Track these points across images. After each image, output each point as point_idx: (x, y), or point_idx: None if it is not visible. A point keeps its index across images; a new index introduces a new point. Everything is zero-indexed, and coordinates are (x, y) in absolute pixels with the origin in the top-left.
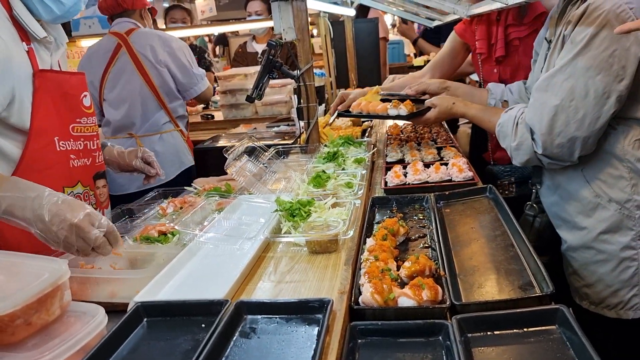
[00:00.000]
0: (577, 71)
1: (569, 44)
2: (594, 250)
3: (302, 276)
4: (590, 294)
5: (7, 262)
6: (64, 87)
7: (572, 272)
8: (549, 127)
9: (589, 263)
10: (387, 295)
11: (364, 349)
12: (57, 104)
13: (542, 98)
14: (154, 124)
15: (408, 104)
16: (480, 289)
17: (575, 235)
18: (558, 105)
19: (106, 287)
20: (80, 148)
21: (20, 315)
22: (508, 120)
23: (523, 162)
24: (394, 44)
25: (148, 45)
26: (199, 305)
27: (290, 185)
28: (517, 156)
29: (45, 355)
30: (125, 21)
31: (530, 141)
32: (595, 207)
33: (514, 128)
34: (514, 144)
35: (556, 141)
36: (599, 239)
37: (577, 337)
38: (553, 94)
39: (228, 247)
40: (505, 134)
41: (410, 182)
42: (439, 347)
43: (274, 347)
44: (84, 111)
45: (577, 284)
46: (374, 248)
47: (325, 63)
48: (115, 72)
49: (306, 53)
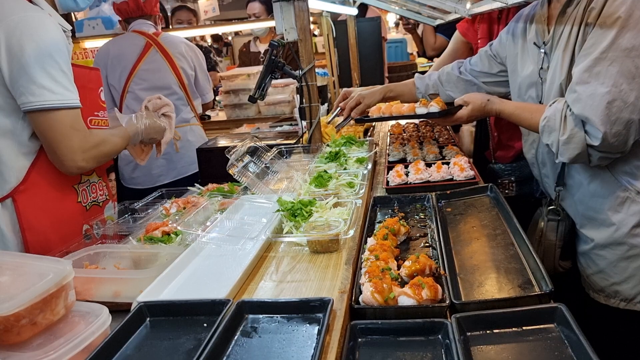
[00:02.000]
0: (619, 55)
1: (599, 30)
2: (626, 246)
3: (304, 276)
4: (622, 290)
5: (12, 263)
6: (83, 80)
7: (597, 271)
8: (605, 116)
9: (620, 259)
10: (387, 295)
11: (364, 348)
12: (80, 95)
13: (589, 89)
14: (183, 119)
15: (439, 102)
16: (480, 288)
17: (603, 232)
18: (609, 92)
19: (110, 287)
20: None
21: (25, 315)
22: (555, 114)
23: (573, 157)
24: (396, 42)
25: (180, 48)
26: (201, 305)
27: (292, 185)
28: (565, 151)
29: (50, 355)
30: (146, 23)
31: (582, 134)
32: (624, 202)
33: (562, 121)
34: (564, 138)
35: (613, 130)
36: (632, 234)
37: (575, 335)
38: (600, 83)
39: (230, 247)
40: (552, 128)
41: (412, 181)
42: (438, 345)
43: (275, 346)
44: (101, 105)
45: (603, 283)
46: (375, 247)
47: (328, 62)
48: (145, 67)
49: (308, 53)
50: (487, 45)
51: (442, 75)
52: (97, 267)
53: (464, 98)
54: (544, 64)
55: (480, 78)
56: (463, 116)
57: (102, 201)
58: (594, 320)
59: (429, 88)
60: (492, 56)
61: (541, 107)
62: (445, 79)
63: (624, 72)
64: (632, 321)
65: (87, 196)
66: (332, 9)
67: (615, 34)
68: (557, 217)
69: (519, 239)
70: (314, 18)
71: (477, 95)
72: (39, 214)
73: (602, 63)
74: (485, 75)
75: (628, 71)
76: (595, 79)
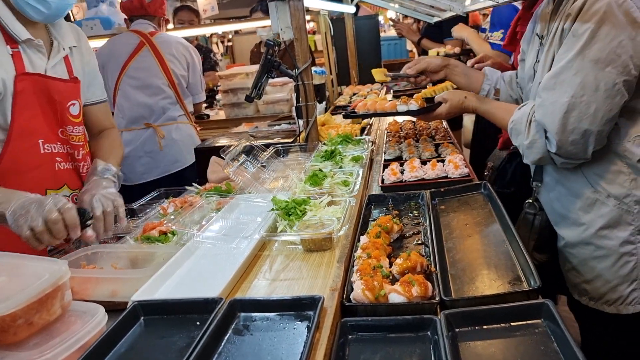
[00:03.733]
0: (585, 65)
1: (571, 38)
2: (593, 246)
3: (297, 274)
4: (590, 289)
5: (8, 264)
6: (50, 92)
7: (571, 269)
8: (562, 125)
9: (588, 259)
10: (378, 292)
11: (354, 344)
12: (44, 107)
13: (552, 97)
14: (170, 117)
15: (418, 99)
16: (470, 285)
17: (573, 231)
18: (569, 102)
19: (108, 287)
20: (70, 152)
21: (21, 316)
22: (521, 118)
23: (535, 160)
24: (395, 40)
25: (172, 48)
26: (194, 304)
27: (287, 184)
28: (529, 154)
29: (46, 354)
30: (146, 23)
31: (543, 140)
32: (594, 203)
33: (527, 126)
34: (527, 142)
35: (570, 138)
36: (598, 235)
37: (561, 331)
38: (562, 92)
39: (225, 246)
40: (518, 132)
41: (407, 179)
42: (427, 341)
43: (265, 344)
44: (71, 119)
45: (575, 280)
46: (367, 245)
47: (326, 60)
48: (135, 66)
49: (304, 52)
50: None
51: (506, 76)
52: (94, 267)
53: (443, 95)
54: (539, 57)
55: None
56: (442, 112)
57: None
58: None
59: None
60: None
61: (512, 107)
62: (508, 81)
63: (586, 83)
64: (602, 320)
65: None
66: (329, 7)
67: (583, 44)
68: (532, 210)
69: (510, 236)
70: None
71: (456, 92)
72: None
73: (568, 72)
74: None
75: (591, 82)
76: (559, 87)
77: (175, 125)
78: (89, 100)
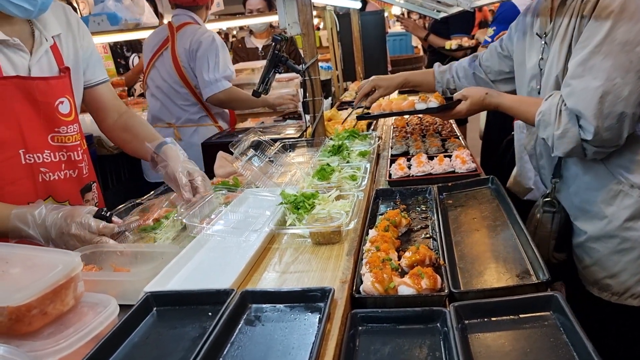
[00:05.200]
0: (614, 48)
1: (593, 24)
2: (618, 239)
3: (306, 266)
4: (613, 284)
5: (22, 255)
6: (34, 93)
7: (591, 264)
8: (598, 110)
9: (612, 252)
10: (388, 284)
11: (364, 336)
12: (27, 112)
13: (582, 83)
14: (191, 118)
15: (438, 97)
16: (479, 278)
17: (596, 225)
18: (602, 86)
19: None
20: (63, 159)
21: (36, 306)
22: (550, 108)
23: (567, 151)
24: (400, 35)
25: (188, 43)
26: (206, 295)
27: (295, 178)
28: (560, 145)
29: (60, 344)
30: (183, 14)
31: (576, 128)
32: (617, 195)
33: (557, 116)
34: (558, 132)
35: (606, 124)
36: (624, 227)
37: (570, 323)
38: (593, 77)
39: (235, 239)
40: (548, 123)
41: (414, 174)
42: (437, 333)
43: (277, 334)
44: (62, 119)
45: (597, 276)
46: (376, 239)
47: (332, 56)
48: (158, 64)
49: (311, 47)
50: (497, 42)
51: (459, 70)
52: (93, 267)
53: (462, 92)
54: (544, 55)
55: (491, 76)
56: (462, 110)
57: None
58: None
59: (449, 83)
60: (501, 53)
61: (538, 100)
62: (463, 75)
63: (617, 66)
64: (624, 315)
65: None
66: (335, 3)
67: (609, 27)
68: (552, 208)
69: (518, 230)
70: (318, 12)
71: (476, 89)
72: None
73: (596, 57)
74: (496, 73)
75: (622, 65)
76: (589, 73)
77: (194, 128)
78: (90, 82)
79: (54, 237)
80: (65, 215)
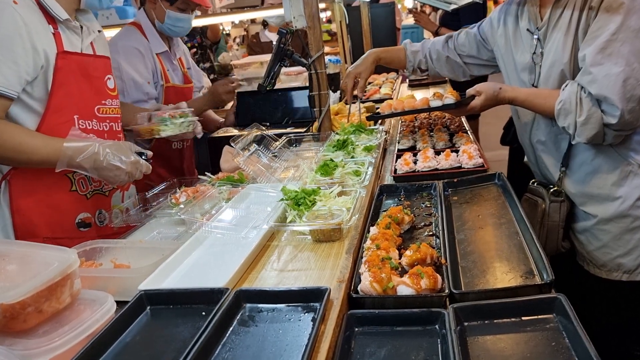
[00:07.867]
0: (630, 35)
1: (605, 15)
2: (631, 218)
3: (305, 265)
4: (625, 262)
5: (19, 252)
6: (88, 69)
7: (600, 247)
8: (622, 94)
9: (625, 232)
10: (386, 284)
11: (360, 337)
12: (81, 84)
13: (603, 70)
14: None
15: (453, 93)
16: (481, 278)
17: (607, 207)
18: (623, 71)
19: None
20: (106, 129)
21: (31, 303)
22: (570, 97)
23: (590, 136)
24: (412, 28)
25: None
26: (200, 294)
27: (298, 174)
28: (583, 131)
29: (55, 342)
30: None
31: (599, 113)
32: (627, 175)
33: (578, 103)
34: (582, 119)
35: (629, 106)
36: (636, 205)
37: (573, 326)
38: (613, 63)
39: (234, 236)
40: (569, 111)
41: (420, 169)
42: (435, 335)
43: (270, 335)
44: (109, 93)
45: (606, 258)
46: (377, 236)
47: (341, 49)
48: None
49: (317, 40)
50: (475, 27)
51: (433, 52)
52: (93, 263)
53: (476, 88)
54: (537, 49)
55: (466, 59)
56: (476, 106)
57: (108, 190)
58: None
59: (421, 63)
60: (481, 41)
61: (553, 92)
62: (435, 57)
63: (634, 51)
64: (633, 292)
65: (86, 185)
66: None
67: (623, 16)
68: (559, 198)
69: (524, 228)
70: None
71: (489, 84)
72: (28, 199)
73: (614, 44)
74: (472, 58)
75: (638, 50)
76: (608, 60)
77: None
78: None
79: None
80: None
